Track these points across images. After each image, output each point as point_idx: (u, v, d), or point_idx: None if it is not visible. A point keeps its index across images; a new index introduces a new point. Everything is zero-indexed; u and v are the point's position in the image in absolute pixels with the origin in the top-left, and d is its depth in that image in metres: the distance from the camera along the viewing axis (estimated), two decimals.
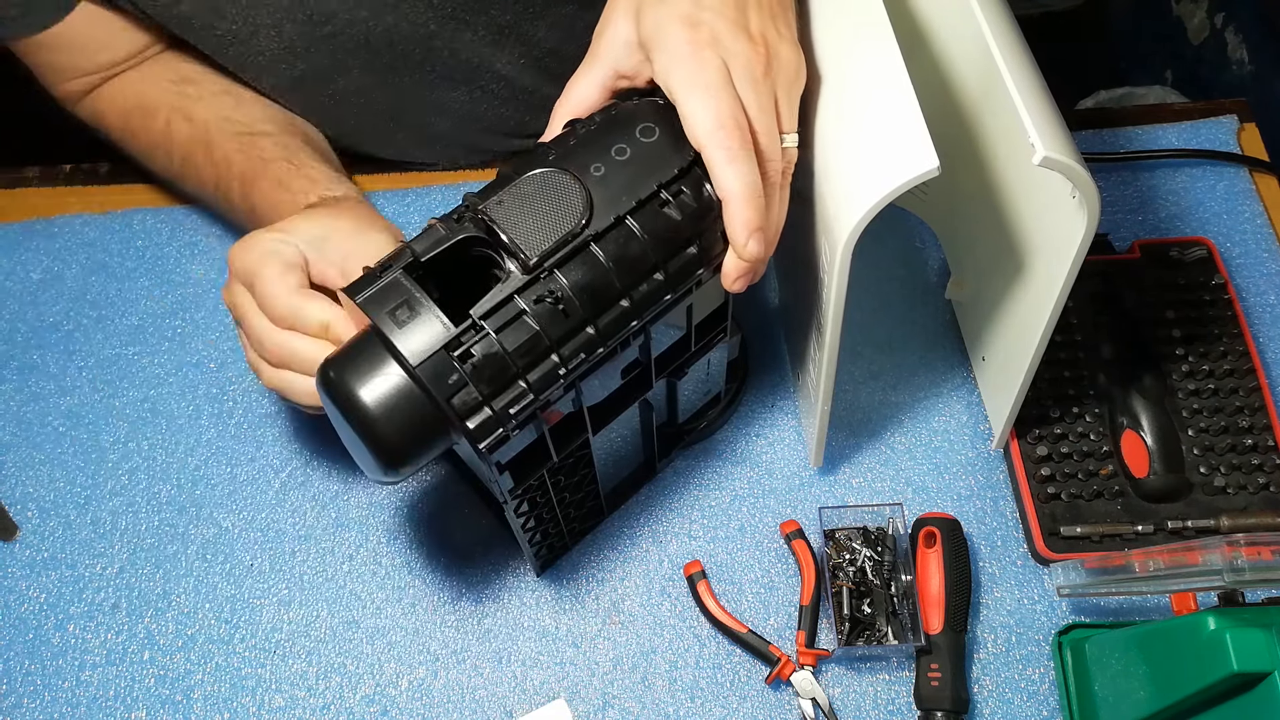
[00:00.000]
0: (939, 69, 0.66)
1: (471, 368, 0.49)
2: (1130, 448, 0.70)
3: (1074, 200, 0.52)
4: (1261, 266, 0.81)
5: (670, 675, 0.68)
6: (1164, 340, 0.74)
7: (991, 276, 0.69)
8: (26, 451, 0.76)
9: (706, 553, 0.72)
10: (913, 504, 0.73)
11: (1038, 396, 0.72)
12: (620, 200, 0.52)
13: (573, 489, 0.65)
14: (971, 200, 0.70)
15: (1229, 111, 0.88)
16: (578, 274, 0.51)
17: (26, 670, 0.68)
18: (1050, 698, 0.67)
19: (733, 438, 0.76)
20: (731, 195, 0.51)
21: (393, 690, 0.68)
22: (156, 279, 0.83)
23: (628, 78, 0.57)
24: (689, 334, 0.61)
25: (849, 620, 0.67)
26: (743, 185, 0.51)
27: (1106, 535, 0.69)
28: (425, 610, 0.70)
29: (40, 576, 0.71)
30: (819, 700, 0.66)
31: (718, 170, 0.51)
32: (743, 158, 0.51)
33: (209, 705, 0.67)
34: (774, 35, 0.54)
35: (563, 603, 0.70)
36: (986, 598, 0.70)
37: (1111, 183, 0.85)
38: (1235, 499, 0.69)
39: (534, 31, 0.79)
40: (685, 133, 0.52)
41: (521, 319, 0.50)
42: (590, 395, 0.57)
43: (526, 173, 0.52)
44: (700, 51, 0.52)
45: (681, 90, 0.52)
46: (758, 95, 0.53)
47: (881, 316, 0.80)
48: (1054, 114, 0.52)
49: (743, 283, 0.55)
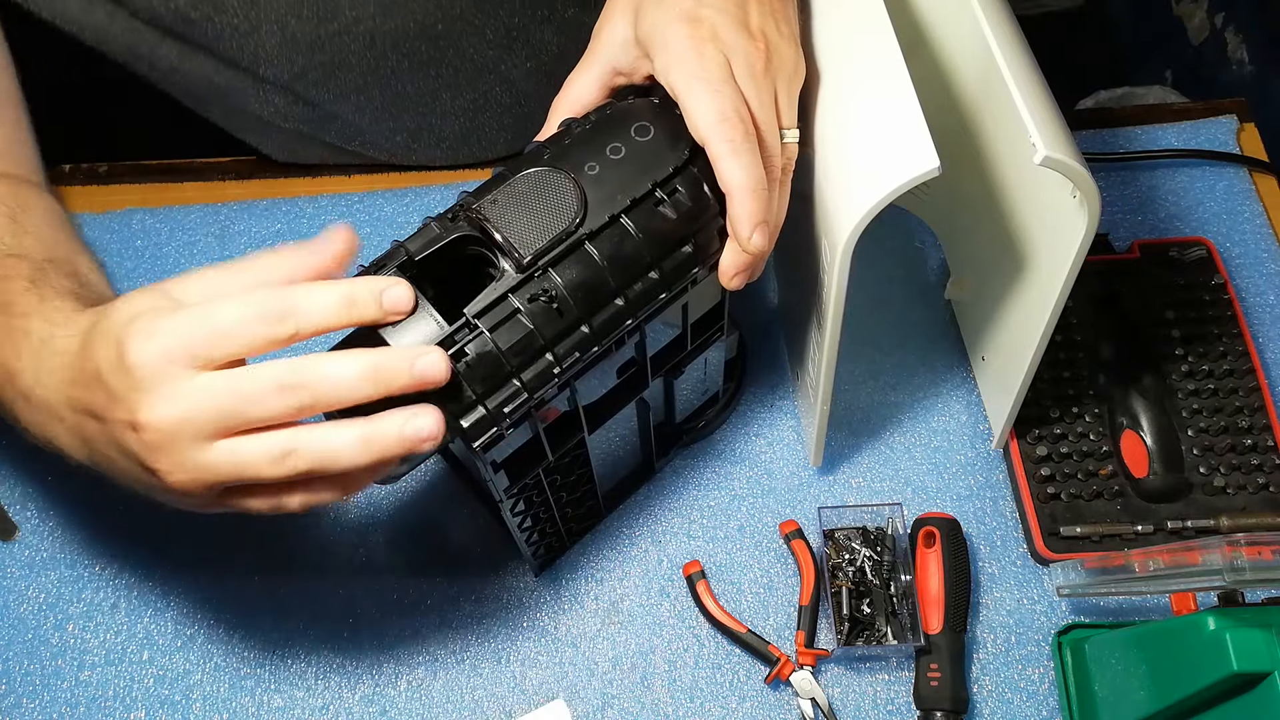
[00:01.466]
0: (939, 69, 0.66)
1: (465, 366, 0.49)
2: (1130, 448, 0.70)
3: (1074, 200, 0.52)
4: (1261, 266, 0.81)
5: (669, 675, 0.68)
6: (1164, 340, 0.74)
7: (991, 276, 0.69)
8: (26, 451, 0.75)
9: (706, 553, 0.72)
10: (912, 504, 0.73)
11: (1038, 396, 0.72)
12: (615, 199, 0.52)
13: (570, 488, 0.65)
14: (971, 200, 0.70)
15: (1229, 111, 0.88)
16: (572, 273, 0.51)
17: (26, 670, 0.68)
18: (1050, 698, 0.67)
19: (732, 437, 0.76)
20: (736, 188, 0.51)
21: (391, 690, 0.68)
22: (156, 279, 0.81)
23: (625, 75, 0.57)
24: (685, 333, 0.61)
25: (848, 620, 0.67)
26: (747, 178, 0.51)
27: (1106, 535, 0.69)
28: (424, 610, 0.70)
29: (40, 576, 0.71)
30: (818, 700, 0.66)
31: (722, 163, 0.51)
32: (746, 150, 0.51)
33: (208, 705, 0.67)
34: (774, 32, 0.55)
35: (562, 603, 0.70)
36: (986, 598, 0.70)
37: (1111, 183, 0.85)
38: (1235, 499, 0.69)
39: (542, 35, 0.79)
40: (688, 128, 0.52)
41: (515, 318, 0.50)
42: (586, 394, 0.57)
43: (521, 172, 0.52)
44: (702, 47, 0.52)
45: (683, 85, 0.52)
46: (758, 90, 0.53)
47: (881, 316, 0.80)
48: (1054, 114, 0.52)
49: (740, 280, 0.55)
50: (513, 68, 0.80)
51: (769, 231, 0.53)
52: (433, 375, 0.46)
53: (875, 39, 0.54)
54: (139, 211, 0.85)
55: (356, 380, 0.45)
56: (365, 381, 0.45)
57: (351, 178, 0.87)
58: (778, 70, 0.54)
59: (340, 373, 0.45)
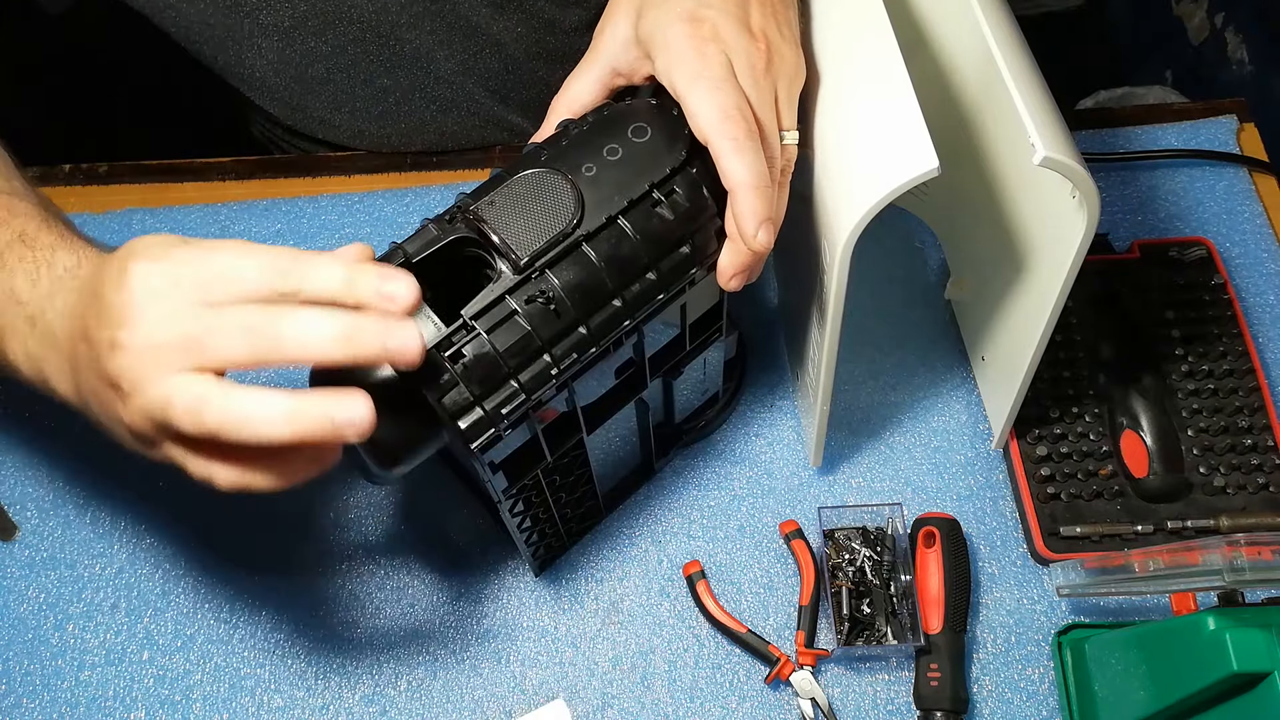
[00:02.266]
0: (939, 69, 0.66)
1: (463, 368, 0.49)
2: (1130, 448, 0.70)
3: (1074, 200, 0.52)
4: (1261, 266, 0.81)
5: (669, 675, 0.68)
6: (1164, 340, 0.74)
7: (991, 276, 0.69)
8: (26, 451, 0.76)
9: (705, 553, 0.72)
10: (912, 504, 0.73)
11: (1037, 396, 0.72)
12: (612, 200, 0.52)
13: (569, 489, 0.65)
14: (971, 200, 0.70)
15: (1229, 111, 0.88)
16: (569, 274, 0.51)
17: (26, 670, 0.68)
18: (1050, 698, 0.67)
19: (732, 437, 0.76)
20: (740, 185, 0.51)
21: (391, 690, 0.68)
22: None
23: (624, 76, 0.57)
24: (683, 333, 0.61)
25: (848, 620, 0.67)
26: (751, 174, 0.51)
27: (1106, 535, 0.69)
28: (424, 610, 0.70)
29: (39, 576, 0.71)
30: (818, 700, 0.66)
31: (725, 161, 0.51)
32: (750, 148, 0.51)
33: (208, 705, 0.67)
34: (775, 33, 0.55)
35: (562, 603, 0.70)
36: (986, 598, 0.70)
37: (1111, 183, 0.85)
38: (1235, 499, 0.69)
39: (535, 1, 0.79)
40: (689, 128, 0.52)
41: (513, 319, 0.50)
42: (584, 395, 0.57)
43: (519, 173, 0.52)
44: (703, 46, 0.52)
45: (685, 84, 0.52)
46: (759, 90, 0.53)
47: (881, 316, 0.80)
48: (1054, 114, 0.52)
49: (739, 281, 0.55)
50: (504, 30, 0.80)
51: (773, 229, 0.53)
52: (403, 350, 0.44)
53: (875, 40, 0.54)
54: (139, 211, 0.85)
55: (327, 339, 0.44)
56: (335, 342, 0.44)
57: (351, 178, 0.87)
58: (779, 71, 0.54)
59: (310, 326, 0.44)
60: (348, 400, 0.44)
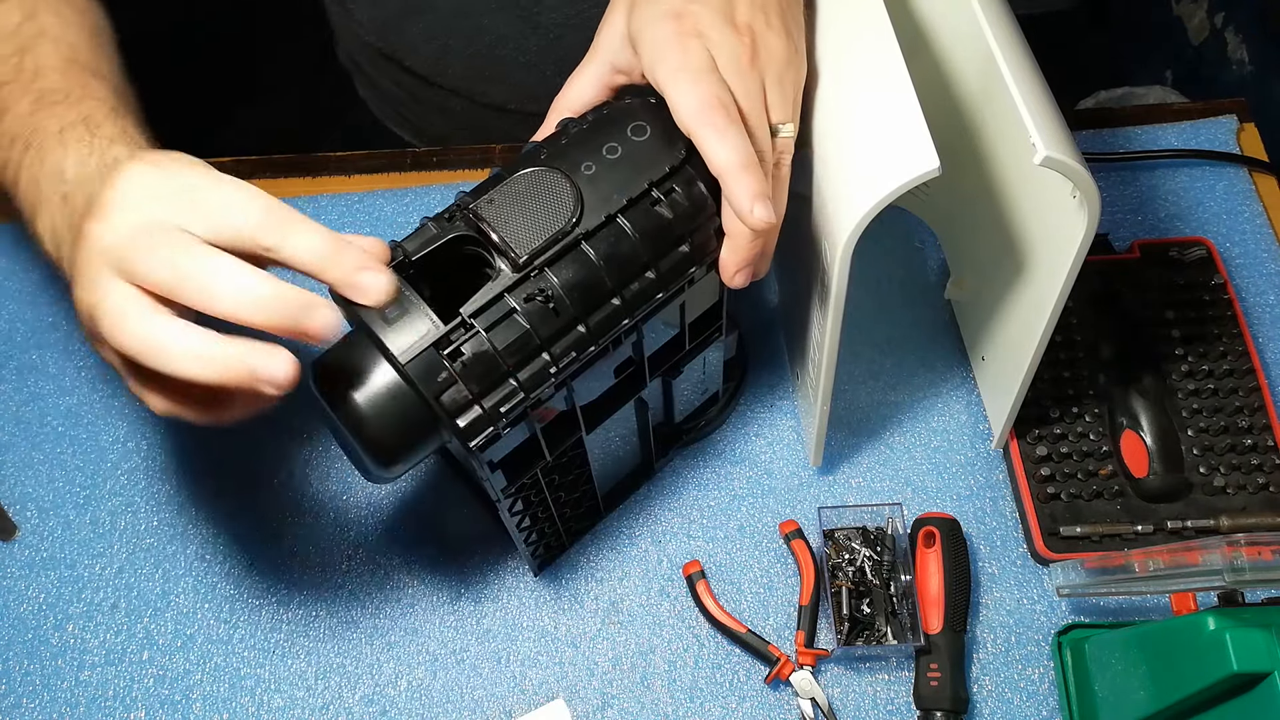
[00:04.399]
0: (939, 69, 0.66)
1: (461, 366, 0.49)
2: (1130, 448, 0.70)
3: (1074, 200, 0.52)
4: (1261, 266, 0.81)
5: (669, 675, 0.68)
6: (1164, 340, 0.74)
7: (991, 276, 0.69)
8: (26, 451, 0.76)
9: (705, 552, 0.72)
10: (912, 504, 0.73)
11: (1037, 396, 0.72)
12: (611, 199, 0.52)
13: (568, 488, 0.65)
14: (971, 200, 0.70)
15: (1229, 111, 0.88)
16: (568, 272, 0.51)
17: (26, 670, 0.68)
18: (1050, 698, 0.67)
19: (731, 437, 0.76)
20: (727, 168, 0.51)
21: (391, 690, 0.68)
22: None
23: (625, 74, 0.57)
24: (683, 332, 0.61)
25: (848, 620, 0.67)
26: (737, 155, 0.50)
27: (1106, 535, 0.69)
28: (424, 610, 0.70)
29: (39, 576, 0.71)
30: (818, 700, 0.66)
31: (709, 148, 0.51)
32: (733, 132, 0.51)
33: (208, 705, 0.67)
34: (762, 25, 0.54)
35: (561, 602, 0.70)
36: (986, 598, 0.70)
37: (1111, 183, 0.85)
38: (1235, 499, 0.69)
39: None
40: (675, 122, 0.52)
41: (511, 317, 0.50)
42: (583, 394, 0.57)
43: (518, 172, 0.52)
44: (685, 41, 0.52)
45: (665, 77, 0.52)
46: (744, 82, 0.53)
47: (881, 316, 0.80)
48: (1054, 114, 0.52)
49: (743, 277, 0.55)
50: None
51: (770, 206, 0.51)
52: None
53: (875, 39, 0.54)
54: None
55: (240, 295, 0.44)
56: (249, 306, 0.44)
57: (351, 178, 0.87)
58: (765, 63, 0.54)
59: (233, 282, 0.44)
60: (270, 354, 0.44)
